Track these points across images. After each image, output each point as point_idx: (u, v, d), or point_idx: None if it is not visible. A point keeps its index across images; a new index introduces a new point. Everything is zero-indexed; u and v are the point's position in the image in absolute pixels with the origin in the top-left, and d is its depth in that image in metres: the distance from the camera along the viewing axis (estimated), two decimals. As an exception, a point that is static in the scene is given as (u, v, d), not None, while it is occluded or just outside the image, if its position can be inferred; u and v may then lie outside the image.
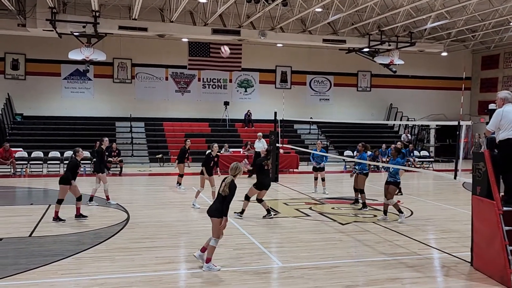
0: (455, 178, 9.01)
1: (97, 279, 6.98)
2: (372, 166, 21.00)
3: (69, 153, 18.12)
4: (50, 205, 12.04)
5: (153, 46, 25.76)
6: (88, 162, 19.87)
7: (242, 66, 27.38)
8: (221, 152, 20.41)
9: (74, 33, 20.82)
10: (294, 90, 28.41)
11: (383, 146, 20.59)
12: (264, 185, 11.33)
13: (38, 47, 24.46)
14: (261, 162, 11.57)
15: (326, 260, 8.11)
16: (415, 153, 24.11)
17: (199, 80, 27.23)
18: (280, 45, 26.25)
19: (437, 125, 28.37)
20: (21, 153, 20.55)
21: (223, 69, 27.16)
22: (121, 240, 9.23)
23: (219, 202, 7.44)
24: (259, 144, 19.14)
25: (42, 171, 20.10)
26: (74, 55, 21.42)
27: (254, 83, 28.14)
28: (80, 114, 25.24)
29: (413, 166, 21.95)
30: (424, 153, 25.47)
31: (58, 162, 20.31)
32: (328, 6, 20.48)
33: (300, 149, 19.44)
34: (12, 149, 19.91)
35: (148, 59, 26.17)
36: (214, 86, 27.50)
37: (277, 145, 18.30)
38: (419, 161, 24.01)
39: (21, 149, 20.94)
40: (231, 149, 22.32)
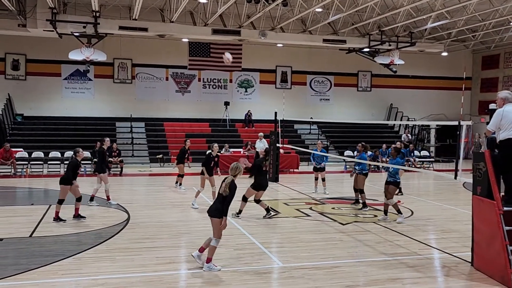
0: (456, 178, 9.01)
1: (98, 279, 6.99)
2: (373, 166, 21.01)
3: (70, 153, 18.17)
4: (51, 206, 12.05)
5: (154, 46, 25.77)
6: (89, 163, 19.91)
7: (243, 66, 27.36)
8: (222, 152, 20.41)
9: (75, 34, 20.84)
10: (295, 90, 28.42)
11: (384, 146, 20.58)
12: (262, 186, 11.34)
13: (39, 48, 24.46)
14: (260, 163, 11.58)
15: (327, 260, 8.11)
16: (416, 153, 24.09)
17: (200, 80, 27.24)
18: (281, 45, 26.25)
19: (438, 125, 28.38)
20: (22, 154, 20.56)
21: (224, 69, 27.15)
22: (122, 240, 9.24)
23: (219, 202, 7.44)
24: (260, 144, 19.14)
25: (43, 172, 20.11)
26: (75, 56, 21.45)
27: (255, 83, 28.15)
28: (81, 114, 25.25)
29: (414, 166, 21.94)
30: (425, 153, 25.46)
31: (59, 163, 20.32)
32: (328, 6, 20.48)
33: (301, 149, 19.44)
34: (13, 150, 19.93)
35: (149, 59, 26.18)
36: (215, 86, 27.51)
37: (278, 145, 18.30)
38: (420, 161, 24.00)
39: (22, 150, 20.95)
40: (232, 149, 22.32)
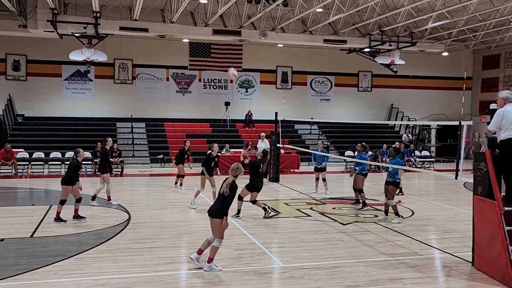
0: (456, 178, 9.00)
1: (99, 280, 6.99)
2: (373, 166, 21.00)
3: (70, 154, 18.21)
4: (51, 206, 12.07)
5: (154, 47, 25.78)
6: (89, 163, 19.92)
7: (243, 67, 27.37)
8: (222, 153, 20.42)
9: (75, 34, 20.84)
10: (295, 91, 28.42)
11: (384, 146, 20.56)
12: (256, 188, 11.31)
13: (39, 48, 24.47)
14: (258, 164, 11.56)
15: (327, 260, 8.11)
16: (416, 153, 24.08)
17: (200, 81, 27.24)
18: (281, 46, 26.24)
19: (438, 125, 28.37)
20: (22, 154, 20.57)
21: (224, 70, 27.13)
22: (123, 241, 9.24)
23: (220, 203, 7.44)
24: (262, 144, 19.13)
25: (43, 172, 20.11)
26: (75, 56, 21.46)
27: (255, 84, 28.16)
28: (81, 115, 25.26)
29: (414, 166, 21.94)
30: (425, 153, 25.44)
31: (59, 163, 20.33)
32: (329, 7, 20.48)
33: (301, 150, 19.45)
34: (14, 150, 19.93)
35: (149, 60, 26.18)
36: (215, 87, 27.51)
37: (278, 146, 18.30)
38: (420, 161, 23.99)
39: (22, 150, 20.95)
40: (232, 150, 22.33)
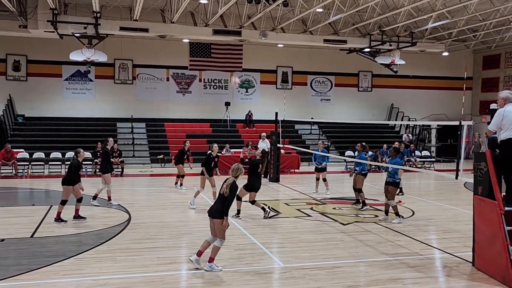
0: (457, 178, 8.99)
1: (99, 280, 7.00)
2: (374, 166, 21.00)
3: (71, 154, 18.22)
4: (52, 206, 12.08)
5: (154, 47, 25.78)
6: (90, 163, 19.92)
7: (243, 67, 27.37)
8: (222, 153, 20.42)
9: (75, 34, 20.85)
10: (295, 91, 28.42)
11: (384, 146, 20.57)
12: (254, 188, 11.32)
13: (40, 48, 24.47)
14: (257, 164, 11.56)
15: (328, 261, 8.11)
16: (417, 153, 24.08)
17: (200, 81, 27.24)
18: (281, 46, 26.24)
19: (438, 125, 28.36)
20: (23, 154, 20.57)
21: (224, 70, 27.17)
22: (123, 241, 9.24)
23: (220, 203, 7.44)
24: (263, 144, 19.13)
25: (44, 172, 20.11)
26: (75, 56, 21.47)
27: (255, 84, 28.16)
28: (82, 115, 25.27)
29: (415, 166, 21.93)
30: (426, 153, 25.44)
31: (60, 163, 20.33)
32: (329, 7, 20.48)
33: (301, 150, 19.45)
34: (14, 150, 19.91)
35: (149, 60, 26.18)
36: (215, 87, 27.51)
37: (278, 146, 18.30)
38: (421, 161, 23.99)
39: (23, 150, 20.94)
40: (232, 150, 22.32)
